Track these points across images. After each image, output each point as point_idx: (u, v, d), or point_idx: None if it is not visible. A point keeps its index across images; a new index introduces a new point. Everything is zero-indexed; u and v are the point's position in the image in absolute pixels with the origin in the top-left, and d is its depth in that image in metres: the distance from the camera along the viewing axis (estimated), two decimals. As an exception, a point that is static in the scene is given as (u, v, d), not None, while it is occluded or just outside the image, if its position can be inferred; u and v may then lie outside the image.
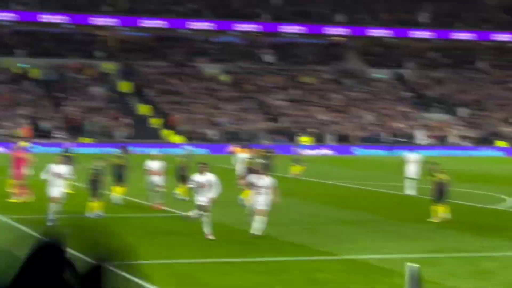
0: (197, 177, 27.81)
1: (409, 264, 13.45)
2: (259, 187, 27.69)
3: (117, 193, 35.51)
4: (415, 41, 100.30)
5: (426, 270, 22.43)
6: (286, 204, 32.69)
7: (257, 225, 26.94)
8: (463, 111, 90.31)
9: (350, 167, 62.03)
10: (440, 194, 32.50)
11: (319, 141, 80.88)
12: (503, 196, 42.27)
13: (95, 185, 31.61)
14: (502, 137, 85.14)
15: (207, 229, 26.73)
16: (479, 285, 21.14)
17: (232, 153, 50.89)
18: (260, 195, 27.54)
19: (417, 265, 13.33)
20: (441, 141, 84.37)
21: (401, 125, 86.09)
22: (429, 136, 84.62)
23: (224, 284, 20.71)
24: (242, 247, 25.79)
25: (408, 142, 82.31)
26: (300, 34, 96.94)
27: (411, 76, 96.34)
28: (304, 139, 77.31)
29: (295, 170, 50.70)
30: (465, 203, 38.61)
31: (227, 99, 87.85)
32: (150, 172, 34.97)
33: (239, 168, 43.04)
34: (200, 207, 27.00)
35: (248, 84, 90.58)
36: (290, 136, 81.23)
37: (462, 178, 46.76)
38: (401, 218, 33.84)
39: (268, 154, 45.31)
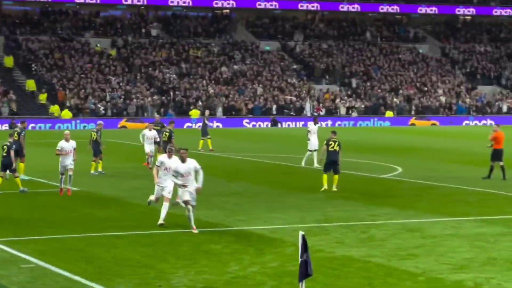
0: (179, 166, 24.33)
1: (301, 232, 13.68)
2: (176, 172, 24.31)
3: (20, 169, 35.10)
4: (303, 13, 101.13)
5: (316, 239, 22.87)
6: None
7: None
8: (351, 82, 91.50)
9: (239, 139, 62.26)
10: (333, 164, 33.04)
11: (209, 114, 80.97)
12: (391, 165, 43.05)
13: (8, 160, 31.52)
14: (389, 107, 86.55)
15: (192, 222, 23.90)
16: (368, 252, 21.56)
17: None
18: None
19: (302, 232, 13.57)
20: (329, 112, 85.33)
21: (290, 97, 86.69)
22: (317, 107, 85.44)
23: (114, 256, 20.75)
24: (134, 222, 25.84)
25: (297, 114, 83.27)
26: (187, 7, 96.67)
27: (299, 48, 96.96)
28: (194, 113, 77.25)
29: (205, 144, 50.51)
30: (354, 172, 39.24)
31: (115, 74, 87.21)
32: (61, 153, 31.78)
33: (148, 147, 41.02)
34: (186, 203, 23.94)
35: (137, 58, 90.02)
36: (180, 110, 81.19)
37: (350, 148, 47.38)
38: (291, 189, 34.24)
39: (162, 128, 44.08)
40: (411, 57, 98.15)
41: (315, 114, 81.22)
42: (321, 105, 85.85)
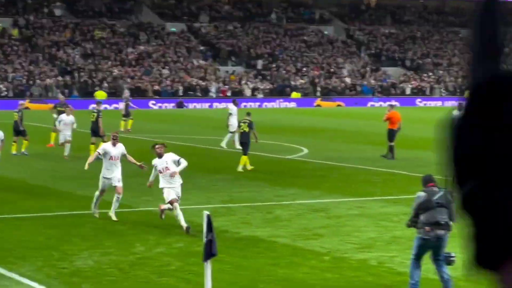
0: (156, 162, 22.58)
1: (205, 212, 13.70)
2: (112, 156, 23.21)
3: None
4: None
5: (222, 220, 22.95)
6: (77, 158, 32.60)
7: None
8: (256, 64, 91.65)
9: (146, 121, 61.97)
10: (245, 145, 33.37)
11: (115, 95, 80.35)
12: (297, 146, 43.31)
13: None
14: (295, 89, 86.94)
15: (182, 221, 21.29)
16: (273, 232, 21.73)
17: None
18: (117, 168, 23.61)
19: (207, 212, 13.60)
20: (235, 94, 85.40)
21: (195, 79, 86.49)
22: (223, 89, 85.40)
23: (17, 239, 20.56)
24: (37, 203, 25.56)
25: (203, 96, 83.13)
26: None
27: (205, 30, 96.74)
28: (100, 94, 76.50)
29: (125, 125, 50.36)
30: (260, 153, 39.38)
31: (18, 54, 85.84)
32: None
33: (65, 134, 38.00)
34: (171, 202, 21.84)
35: (40, 38, 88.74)
36: (85, 91, 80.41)
37: (258, 129, 47.46)
38: (197, 170, 34.19)
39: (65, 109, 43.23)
40: (317, 38, 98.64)
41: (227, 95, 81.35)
42: (226, 86, 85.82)
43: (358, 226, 22.75)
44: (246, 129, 33.54)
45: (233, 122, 41.45)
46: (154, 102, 79.98)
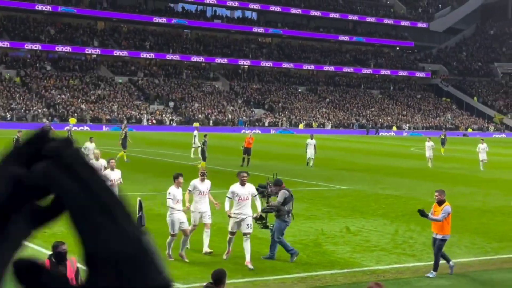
0: (237, 190, 15.02)
1: (138, 198, 13.48)
2: None
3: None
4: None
5: (150, 203, 22.63)
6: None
7: None
8: (172, 104, 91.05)
9: (102, 138, 60.90)
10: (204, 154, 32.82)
11: (82, 121, 78.81)
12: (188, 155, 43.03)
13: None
14: (197, 120, 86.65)
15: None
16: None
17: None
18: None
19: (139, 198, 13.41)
20: (159, 122, 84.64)
21: (134, 112, 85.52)
22: (150, 119, 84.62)
23: None
24: None
25: (138, 123, 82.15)
26: None
27: (141, 81, 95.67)
28: (72, 120, 74.78)
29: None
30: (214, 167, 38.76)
31: (19, 93, 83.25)
32: None
33: None
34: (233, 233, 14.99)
35: (34, 84, 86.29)
36: (62, 118, 78.60)
37: (175, 146, 46.96)
38: (139, 171, 33.65)
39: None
40: (210, 89, 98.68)
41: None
42: (153, 117, 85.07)
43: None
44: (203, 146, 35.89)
45: (196, 141, 41.83)
46: (107, 127, 78.52)
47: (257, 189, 15.52)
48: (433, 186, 30.52)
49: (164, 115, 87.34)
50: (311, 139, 38.56)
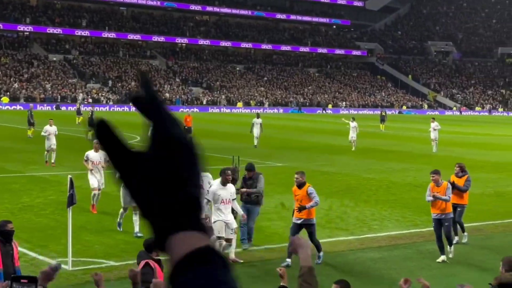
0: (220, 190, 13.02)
1: (69, 176, 13.28)
2: None
3: None
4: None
5: (82, 182, 22.30)
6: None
7: None
8: (109, 82, 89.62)
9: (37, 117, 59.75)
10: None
11: (14, 100, 76.70)
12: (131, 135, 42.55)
13: None
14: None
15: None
16: (116, 189, 21.29)
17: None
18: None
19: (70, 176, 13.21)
20: (96, 101, 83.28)
21: (69, 91, 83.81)
22: (86, 98, 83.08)
23: None
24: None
25: (73, 102, 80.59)
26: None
27: (75, 60, 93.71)
28: (4, 99, 72.76)
29: None
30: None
31: None
32: None
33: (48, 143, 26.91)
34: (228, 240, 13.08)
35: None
36: (-7, 97, 76.42)
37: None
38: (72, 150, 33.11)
39: None
40: (147, 68, 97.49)
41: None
42: (89, 96, 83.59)
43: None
44: None
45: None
46: (41, 106, 76.75)
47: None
48: (368, 163, 31.16)
49: (100, 94, 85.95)
50: (258, 118, 37.89)
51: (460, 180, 15.35)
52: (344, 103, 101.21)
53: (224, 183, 13.05)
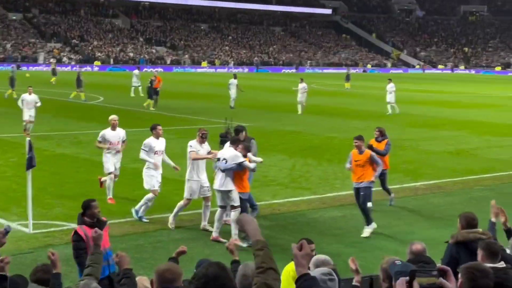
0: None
1: (28, 138, 13.02)
2: None
3: None
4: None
5: (44, 143, 22.02)
6: None
7: None
8: (71, 42, 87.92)
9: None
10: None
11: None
12: (96, 96, 42.04)
13: None
14: (97, 59, 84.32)
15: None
16: (77, 151, 21.09)
17: None
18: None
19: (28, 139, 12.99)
20: (57, 62, 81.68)
21: (29, 51, 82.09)
22: (48, 58, 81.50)
23: None
24: None
25: (34, 62, 79.04)
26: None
27: (36, 19, 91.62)
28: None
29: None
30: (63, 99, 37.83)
31: None
32: None
33: (27, 113, 24.28)
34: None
35: None
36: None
37: (70, 84, 45.64)
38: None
39: None
40: (110, 27, 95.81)
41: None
42: (51, 57, 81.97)
43: (134, 147, 22.39)
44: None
45: (136, 79, 42.28)
46: (1, 66, 75.10)
47: (221, 140, 13.62)
48: (332, 122, 31.30)
49: (62, 54, 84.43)
50: (234, 78, 37.14)
51: (379, 144, 14.78)
52: (309, 62, 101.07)
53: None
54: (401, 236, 12.49)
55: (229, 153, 11.78)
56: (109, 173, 14.51)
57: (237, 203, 11.79)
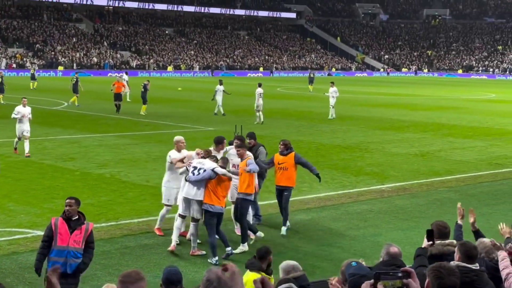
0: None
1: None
2: None
3: None
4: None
5: (7, 149, 21.63)
6: None
7: None
8: (34, 47, 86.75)
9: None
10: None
11: None
12: (60, 101, 41.61)
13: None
14: (60, 64, 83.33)
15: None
16: (42, 157, 20.79)
17: None
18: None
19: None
20: (20, 66, 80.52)
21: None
22: (10, 64, 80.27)
23: None
24: None
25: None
26: None
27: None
28: None
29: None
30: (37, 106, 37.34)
31: None
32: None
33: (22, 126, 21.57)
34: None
35: None
36: None
37: (40, 92, 45.22)
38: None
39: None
40: (74, 31, 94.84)
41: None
42: (13, 62, 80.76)
43: (98, 152, 22.25)
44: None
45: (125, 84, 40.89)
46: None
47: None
48: (298, 125, 31.42)
49: (25, 59, 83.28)
50: (220, 85, 36.28)
51: (285, 158, 13.16)
52: (274, 65, 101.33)
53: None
54: (368, 238, 12.59)
55: (208, 164, 11.29)
56: (169, 204, 12.60)
57: (200, 216, 11.33)
